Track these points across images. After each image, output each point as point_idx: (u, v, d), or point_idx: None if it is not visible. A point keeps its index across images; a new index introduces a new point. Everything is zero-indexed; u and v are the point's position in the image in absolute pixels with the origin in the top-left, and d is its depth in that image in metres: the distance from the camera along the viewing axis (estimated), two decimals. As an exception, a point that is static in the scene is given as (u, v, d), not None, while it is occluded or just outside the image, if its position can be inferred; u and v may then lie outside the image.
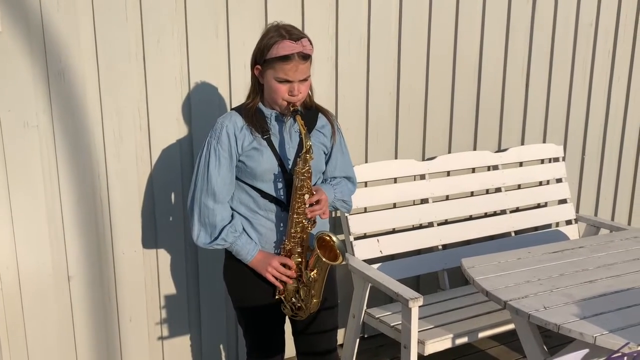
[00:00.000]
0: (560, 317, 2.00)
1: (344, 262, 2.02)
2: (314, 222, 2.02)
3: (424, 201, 3.01)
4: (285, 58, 1.88)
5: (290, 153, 2.02)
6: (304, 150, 1.92)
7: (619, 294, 2.20)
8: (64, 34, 2.25)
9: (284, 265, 2.03)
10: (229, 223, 2.02)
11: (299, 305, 2.06)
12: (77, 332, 2.52)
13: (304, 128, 1.92)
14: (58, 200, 2.37)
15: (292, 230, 1.99)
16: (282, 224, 2.04)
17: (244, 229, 2.05)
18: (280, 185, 2.01)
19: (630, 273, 2.38)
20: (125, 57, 2.35)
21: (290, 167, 2.01)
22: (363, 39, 2.81)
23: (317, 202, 1.99)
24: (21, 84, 2.22)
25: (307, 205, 1.97)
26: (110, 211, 2.46)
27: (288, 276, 2.03)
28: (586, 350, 1.08)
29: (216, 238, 2.01)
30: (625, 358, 1.27)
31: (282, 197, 2.02)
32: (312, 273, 2.00)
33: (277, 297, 2.07)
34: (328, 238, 2.00)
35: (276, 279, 2.03)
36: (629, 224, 3.86)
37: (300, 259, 2.04)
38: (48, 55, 2.24)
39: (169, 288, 2.66)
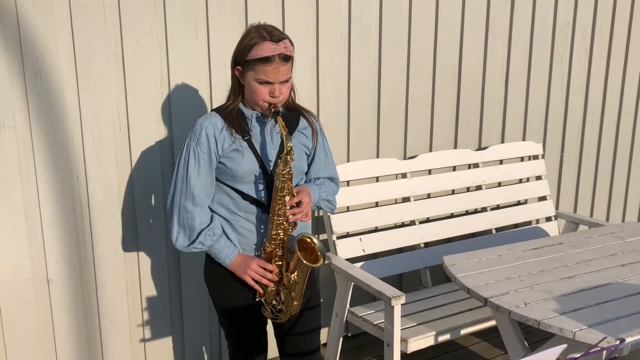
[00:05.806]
0: (540, 313, 2.03)
1: (325, 263, 2.01)
2: (295, 224, 2.00)
3: (406, 200, 3.03)
4: (266, 60, 1.86)
5: (272, 154, 2.00)
6: (285, 151, 1.90)
7: (597, 289, 2.23)
8: (40, 33, 2.22)
9: (264, 268, 2.01)
10: (208, 226, 2.00)
11: (280, 307, 2.05)
12: (57, 335, 2.49)
13: (285, 129, 1.90)
14: (36, 203, 2.34)
15: (273, 233, 1.97)
16: (262, 226, 2.02)
17: (224, 230, 2.03)
18: (261, 186, 1.99)
19: (609, 268, 2.41)
20: (103, 57, 2.33)
21: (271, 168, 1.99)
22: (344, 39, 2.82)
23: (298, 204, 1.97)
24: (-3, 84, 2.19)
25: (287, 207, 1.95)
26: (90, 213, 2.44)
27: (269, 279, 2.01)
28: (565, 345, 1.09)
29: (194, 241, 2.00)
30: (604, 352, 1.29)
31: (263, 198, 2.00)
32: (292, 275, 1.98)
33: (257, 299, 2.06)
34: (309, 240, 1.98)
35: (256, 282, 2.01)
36: (607, 220, 3.92)
37: (280, 262, 2.02)
38: (24, 56, 2.21)
39: (151, 290, 2.64)
